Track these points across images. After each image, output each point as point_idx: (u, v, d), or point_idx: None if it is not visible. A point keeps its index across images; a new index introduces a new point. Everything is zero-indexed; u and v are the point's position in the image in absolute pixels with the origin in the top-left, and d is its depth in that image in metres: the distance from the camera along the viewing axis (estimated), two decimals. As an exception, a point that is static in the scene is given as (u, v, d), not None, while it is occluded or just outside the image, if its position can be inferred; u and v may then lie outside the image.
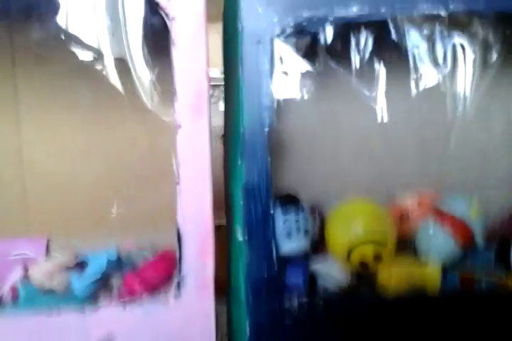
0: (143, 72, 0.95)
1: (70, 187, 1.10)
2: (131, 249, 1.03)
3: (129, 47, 0.89)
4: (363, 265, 0.85)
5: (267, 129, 0.80)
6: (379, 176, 0.96)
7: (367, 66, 0.90)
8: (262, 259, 0.81)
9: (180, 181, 0.81)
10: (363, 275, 0.88)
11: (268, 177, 0.81)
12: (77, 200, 1.11)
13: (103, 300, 0.86)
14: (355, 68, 0.87)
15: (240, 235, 0.82)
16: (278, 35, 0.80)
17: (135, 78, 1.01)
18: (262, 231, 0.81)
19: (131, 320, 0.79)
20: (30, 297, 0.82)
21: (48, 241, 1.08)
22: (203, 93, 0.81)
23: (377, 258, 0.84)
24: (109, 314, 0.78)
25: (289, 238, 0.84)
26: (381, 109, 0.93)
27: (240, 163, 0.81)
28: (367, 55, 0.89)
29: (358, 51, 0.86)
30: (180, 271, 0.81)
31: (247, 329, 0.81)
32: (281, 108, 0.90)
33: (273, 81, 0.81)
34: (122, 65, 1.00)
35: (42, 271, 0.85)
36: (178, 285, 0.81)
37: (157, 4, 0.79)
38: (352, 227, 0.85)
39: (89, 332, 0.77)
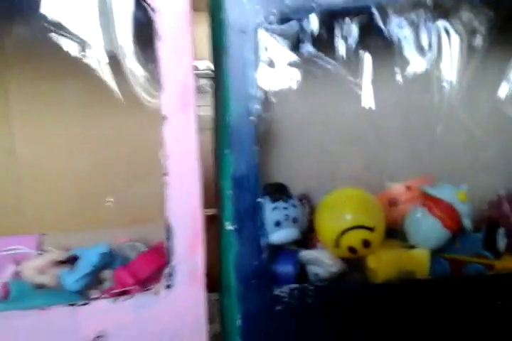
0: (133, 66, 0.96)
1: (62, 183, 1.10)
2: (124, 242, 1.04)
3: (118, 41, 0.89)
4: (352, 250, 0.85)
5: (253, 118, 0.80)
6: (368, 164, 0.96)
7: (353, 54, 0.90)
8: (251, 247, 0.82)
9: (168, 173, 0.81)
10: (353, 261, 0.89)
11: (255, 167, 0.81)
12: (68, 195, 1.11)
13: (93, 294, 0.87)
14: (341, 56, 0.87)
15: (228, 224, 0.82)
16: (262, 25, 0.80)
17: (125, 72, 1.01)
18: (250, 219, 0.82)
19: (122, 313, 0.79)
20: (22, 293, 0.82)
21: (41, 237, 1.08)
22: (188, 85, 0.81)
23: (366, 243, 0.85)
24: (100, 308, 0.79)
25: (278, 226, 0.85)
26: (368, 97, 0.93)
27: (226, 152, 0.82)
28: (352, 43, 0.89)
29: (344, 39, 0.86)
30: (170, 262, 0.81)
31: (238, 317, 0.82)
32: (268, 97, 0.90)
33: (258, 70, 0.81)
34: (112, 59, 1.00)
35: (32, 267, 0.85)
36: (169, 276, 0.81)
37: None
38: (340, 213, 0.86)
39: (80, 327, 0.78)
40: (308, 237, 0.92)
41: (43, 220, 1.12)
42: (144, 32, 0.85)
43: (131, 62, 0.97)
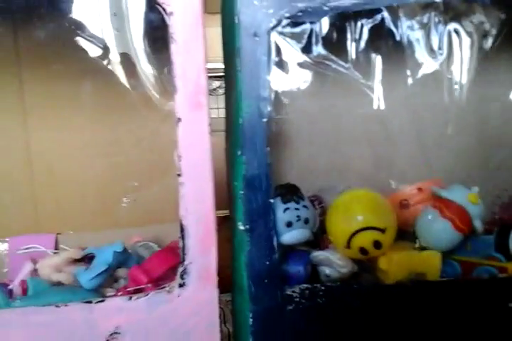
0: (147, 68, 0.97)
1: (77, 183, 1.13)
2: (138, 241, 1.06)
3: (132, 43, 0.91)
4: (363, 251, 0.86)
5: (265, 120, 0.81)
6: (378, 164, 0.97)
7: (364, 56, 0.91)
8: (263, 248, 0.83)
9: (182, 173, 0.83)
10: (364, 262, 0.90)
11: (267, 167, 0.82)
12: (83, 196, 1.13)
13: (108, 292, 0.89)
14: (352, 58, 0.88)
15: (240, 224, 0.83)
16: (274, 27, 0.81)
17: (140, 74, 1.03)
18: (262, 220, 0.83)
19: (136, 311, 0.81)
20: (39, 290, 0.84)
21: (56, 236, 1.11)
22: (201, 86, 0.82)
23: (378, 244, 0.85)
24: (115, 305, 0.80)
25: (290, 227, 0.86)
26: (379, 98, 0.94)
27: (239, 153, 0.83)
28: (363, 45, 0.90)
29: (355, 41, 0.87)
30: (183, 261, 0.83)
31: (250, 316, 0.83)
32: (280, 99, 0.91)
33: (270, 72, 0.82)
34: (126, 61, 1.02)
35: (49, 265, 0.87)
36: (182, 275, 0.83)
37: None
38: (352, 214, 0.86)
39: (96, 324, 0.79)
40: (319, 238, 0.93)
41: (59, 220, 1.15)
42: (158, 34, 0.87)
43: (146, 65, 0.99)
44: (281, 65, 0.86)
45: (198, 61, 0.82)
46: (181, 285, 0.83)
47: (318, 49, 0.87)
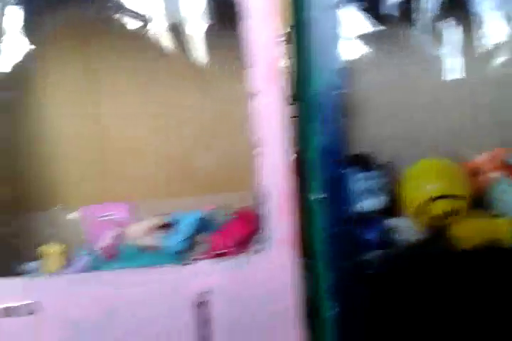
0: (218, 44, 1.00)
1: (149, 153, 1.17)
2: (212, 209, 1.11)
3: (205, 19, 0.93)
4: (438, 218, 0.88)
5: (338, 91, 0.83)
6: (451, 133, 0.97)
7: (434, 25, 0.90)
8: (339, 216, 0.86)
9: (260, 143, 0.86)
10: (437, 229, 0.92)
11: (342, 137, 0.84)
12: (155, 165, 1.18)
13: (190, 255, 0.95)
14: (423, 28, 0.88)
15: (316, 193, 0.87)
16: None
17: (211, 50, 1.06)
18: (337, 189, 0.86)
19: (221, 273, 0.87)
20: (130, 254, 0.92)
21: (132, 204, 1.17)
22: (275, 60, 0.84)
23: (453, 211, 0.87)
24: (201, 268, 0.86)
25: (364, 195, 0.88)
26: (453, 68, 0.93)
27: (313, 124, 0.85)
28: (433, 14, 0.88)
29: (425, 11, 0.86)
30: (263, 226, 0.87)
31: (328, 281, 0.87)
32: (351, 69, 0.92)
33: (342, 44, 0.83)
34: (197, 38, 1.04)
35: (138, 229, 0.94)
36: (263, 240, 0.87)
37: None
38: (427, 182, 0.88)
39: (184, 285, 0.86)
40: (392, 206, 0.95)
41: (132, 189, 1.20)
42: (231, 10, 0.89)
43: (218, 40, 1.01)
44: (352, 36, 0.87)
45: (271, 35, 0.84)
46: (262, 250, 0.88)
47: (389, 20, 0.87)
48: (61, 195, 1.12)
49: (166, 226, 0.97)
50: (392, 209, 0.95)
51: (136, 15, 1.09)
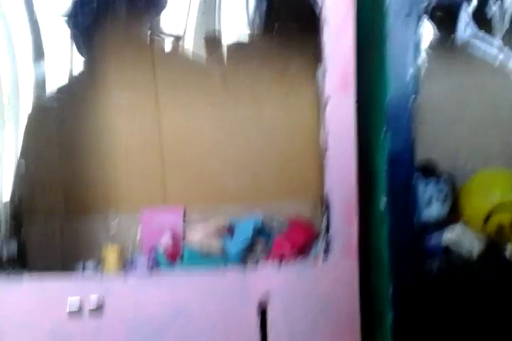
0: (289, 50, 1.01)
1: (204, 158, 1.18)
2: (268, 216, 1.11)
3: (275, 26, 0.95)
4: (501, 228, 0.88)
5: (411, 100, 0.84)
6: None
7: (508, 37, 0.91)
8: (405, 222, 0.86)
9: (329, 148, 0.87)
10: (498, 242, 0.92)
11: (412, 144, 0.85)
12: (210, 170, 1.19)
13: (260, 260, 0.95)
14: (498, 39, 0.89)
15: (383, 201, 0.87)
16: (424, 10, 0.83)
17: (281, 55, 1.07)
18: (405, 197, 0.86)
19: (284, 277, 0.87)
20: (192, 256, 0.92)
21: (185, 208, 1.18)
22: (350, 66, 0.85)
23: (516, 223, 0.87)
24: (266, 271, 0.86)
25: (430, 203, 0.89)
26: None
27: (384, 133, 0.86)
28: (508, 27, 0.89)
29: (501, 20, 0.87)
30: (327, 232, 0.87)
31: (391, 287, 0.87)
32: (422, 78, 0.92)
33: (415, 52, 0.84)
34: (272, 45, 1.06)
35: (198, 232, 0.95)
36: (326, 245, 0.88)
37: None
38: (490, 194, 0.88)
39: (249, 287, 0.86)
40: (454, 215, 0.95)
41: (186, 193, 1.21)
42: (305, 17, 0.91)
43: (288, 47, 1.03)
44: (427, 46, 0.88)
45: (347, 43, 0.85)
46: (325, 256, 0.88)
47: (464, 30, 0.88)
48: (118, 198, 1.13)
49: (226, 230, 0.98)
50: (454, 218, 0.95)
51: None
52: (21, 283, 0.86)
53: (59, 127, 1.12)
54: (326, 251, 0.88)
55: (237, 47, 1.12)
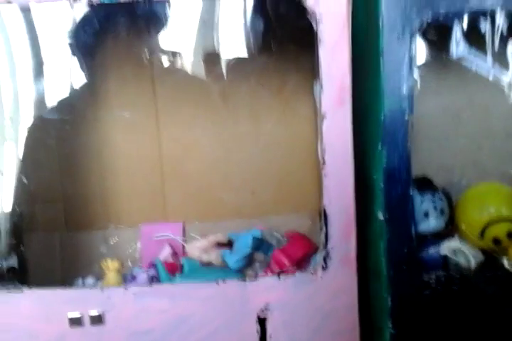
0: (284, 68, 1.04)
1: (203, 175, 1.20)
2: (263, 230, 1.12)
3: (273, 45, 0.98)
4: (497, 241, 0.89)
5: (407, 117, 0.86)
6: (506, 158, 0.99)
7: (500, 53, 0.93)
8: (402, 236, 0.87)
9: (326, 165, 0.88)
10: (495, 253, 0.93)
11: (408, 161, 0.86)
12: (209, 187, 1.20)
13: (249, 272, 0.96)
14: (490, 55, 0.91)
15: (380, 215, 0.88)
16: (417, 29, 0.85)
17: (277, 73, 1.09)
18: (401, 210, 0.87)
19: (284, 289, 0.88)
20: (193, 269, 0.93)
21: (184, 224, 1.19)
22: (346, 84, 0.88)
23: (511, 235, 0.88)
24: (266, 283, 0.87)
25: (426, 217, 0.90)
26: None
27: (380, 148, 0.88)
28: (500, 43, 0.92)
29: (493, 39, 0.90)
30: (326, 246, 0.89)
31: (389, 299, 0.88)
32: (417, 95, 0.95)
33: (412, 71, 0.86)
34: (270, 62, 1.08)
35: (198, 247, 0.96)
36: (325, 259, 0.89)
37: (305, 9, 0.86)
38: (486, 205, 0.90)
39: (249, 299, 0.87)
40: (451, 228, 0.97)
41: (185, 209, 1.22)
42: (301, 34, 0.93)
43: (285, 63, 1.06)
44: (421, 63, 0.90)
45: (343, 60, 0.87)
46: (324, 268, 0.89)
47: (457, 48, 0.91)
48: (118, 213, 1.14)
49: (225, 244, 0.99)
50: (451, 231, 0.97)
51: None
52: (21, 297, 0.86)
53: (60, 144, 1.13)
54: (325, 263, 0.89)
55: (235, 65, 1.14)
